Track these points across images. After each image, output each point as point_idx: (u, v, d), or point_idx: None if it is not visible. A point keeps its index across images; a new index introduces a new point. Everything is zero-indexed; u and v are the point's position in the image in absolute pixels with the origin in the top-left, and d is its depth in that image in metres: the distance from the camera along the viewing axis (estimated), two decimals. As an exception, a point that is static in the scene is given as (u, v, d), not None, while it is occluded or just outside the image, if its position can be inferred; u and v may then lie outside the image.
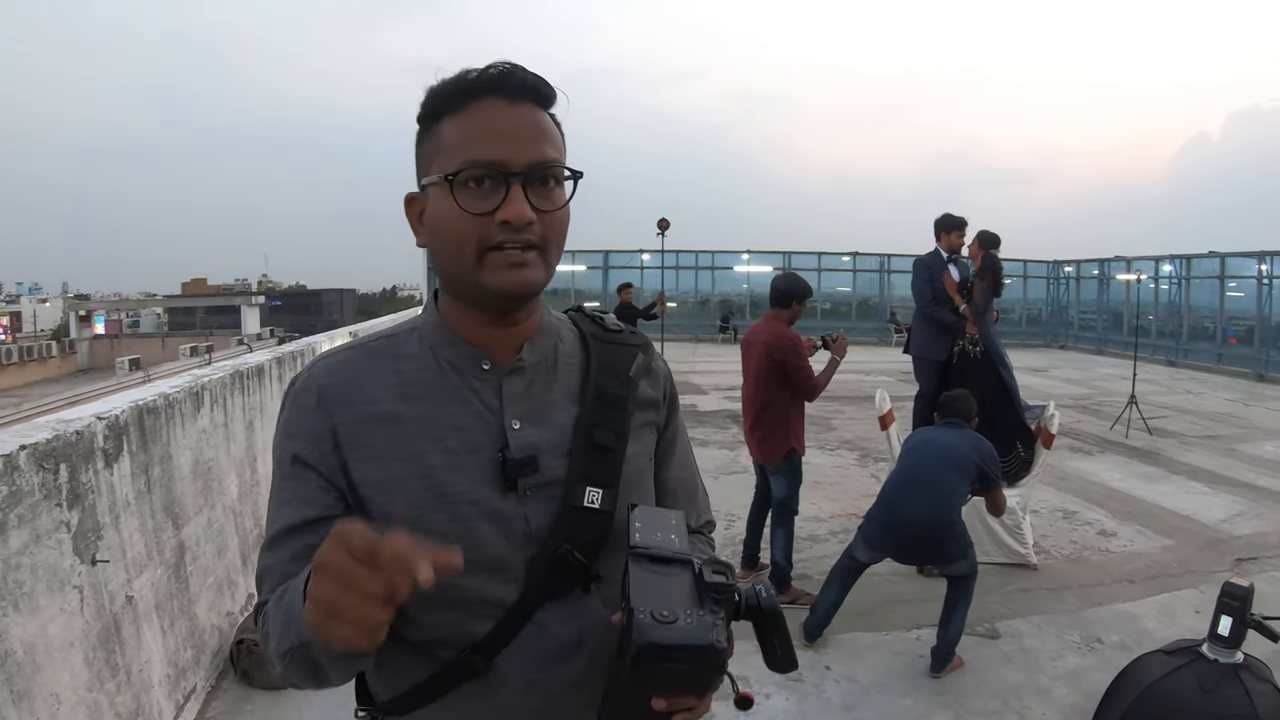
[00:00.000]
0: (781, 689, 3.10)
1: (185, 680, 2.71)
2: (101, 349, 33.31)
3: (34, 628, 1.90)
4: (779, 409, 3.86)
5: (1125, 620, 3.72)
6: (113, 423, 2.37)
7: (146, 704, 2.40)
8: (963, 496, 3.30)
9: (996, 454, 3.43)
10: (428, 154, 0.85)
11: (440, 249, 0.85)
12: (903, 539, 3.30)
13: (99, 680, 2.16)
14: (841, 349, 3.94)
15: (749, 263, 21.80)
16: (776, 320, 3.91)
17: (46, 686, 1.93)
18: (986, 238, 4.90)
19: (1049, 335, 20.73)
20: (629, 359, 0.96)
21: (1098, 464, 6.90)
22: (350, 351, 0.89)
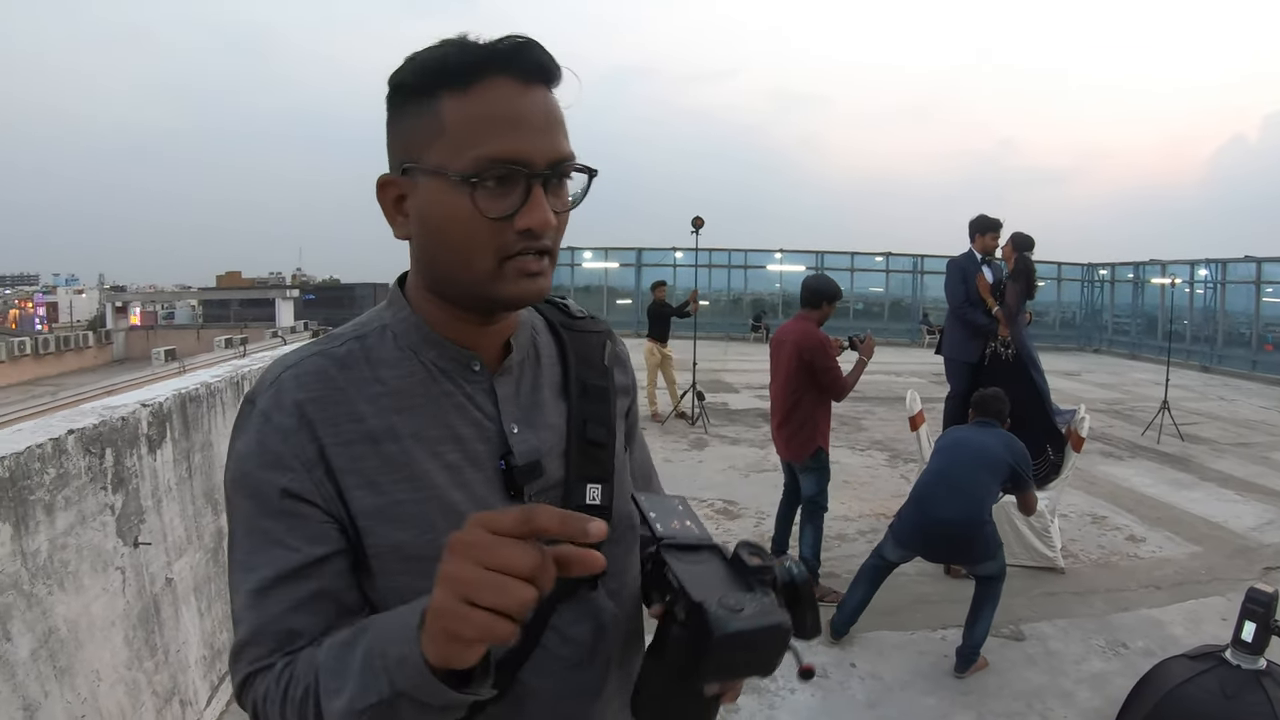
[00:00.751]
0: (807, 684, 3.13)
1: (220, 662, 2.79)
2: (137, 339, 33.86)
3: (78, 606, 1.97)
4: (806, 408, 3.89)
5: (1151, 626, 3.70)
6: (156, 410, 2.44)
7: (183, 684, 2.47)
8: (994, 496, 3.31)
9: (1028, 454, 3.43)
10: (421, 134, 0.71)
11: (442, 250, 0.74)
12: (934, 538, 3.31)
13: (138, 659, 2.23)
14: (869, 349, 3.97)
15: (781, 262, 21.74)
16: (806, 320, 3.94)
17: (88, 663, 1.99)
18: (1020, 240, 4.87)
19: (1082, 339, 20.46)
20: (600, 347, 0.91)
21: (1128, 469, 6.84)
22: (318, 358, 0.76)
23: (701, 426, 8.16)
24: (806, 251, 21.78)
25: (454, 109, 0.69)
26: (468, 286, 0.74)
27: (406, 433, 0.74)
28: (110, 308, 37.31)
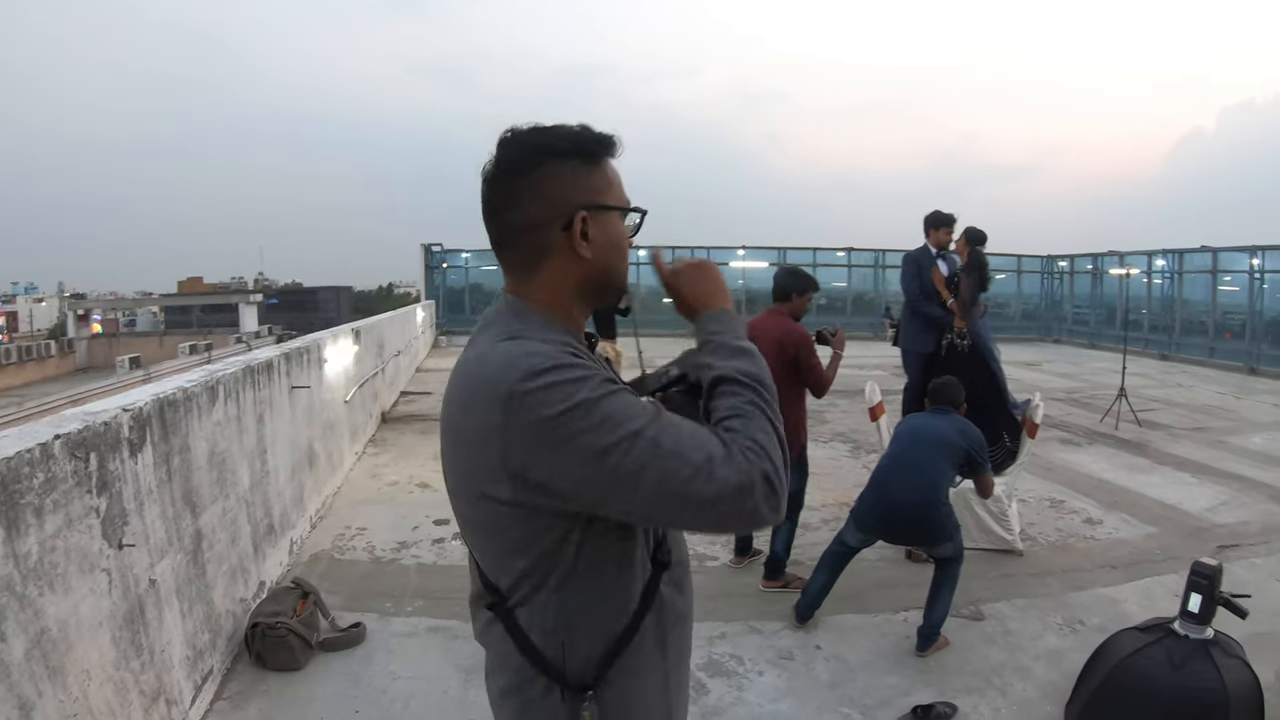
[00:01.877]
0: (773, 666, 3.25)
1: (203, 662, 2.85)
2: (99, 348, 33.30)
3: (67, 607, 2.03)
4: (791, 405, 3.84)
5: (1106, 604, 3.85)
6: (137, 414, 2.49)
7: (168, 683, 2.53)
8: (949, 479, 3.43)
9: (984, 439, 3.55)
10: (597, 183, 1.08)
11: (615, 263, 1.11)
12: (892, 519, 3.41)
13: (125, 659, 2.29)
14: (841, 343, 3.94)
15: (744, 258, 21.83)
16: (780, 315, 3.93)
17: (78, 663, 2.05)
18: (973, 234, 5.03)
19: (1043, 329, 20.84)
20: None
21: (1086, 455, 7.04)
22: (546, 346, 1.02)
23: None
24: (769, 248, 21.89)
25: (612, 172, 1.11)
26: (617, 284, 1.13)
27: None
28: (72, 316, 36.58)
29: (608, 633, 1.07)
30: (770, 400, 1.03)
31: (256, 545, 3.56)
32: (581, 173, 1.07)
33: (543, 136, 1.06)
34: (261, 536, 3.65)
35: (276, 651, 3.04)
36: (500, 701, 1.12)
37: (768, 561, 4.01)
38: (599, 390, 0.94)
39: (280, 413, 4.13)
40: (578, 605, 1.04)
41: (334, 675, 3.09)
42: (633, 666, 1.08)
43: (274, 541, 3.88)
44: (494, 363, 0.98)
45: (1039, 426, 4.63)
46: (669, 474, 0.92)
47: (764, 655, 3.35)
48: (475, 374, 1.01)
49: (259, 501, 3.66)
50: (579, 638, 1.05)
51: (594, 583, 1.04)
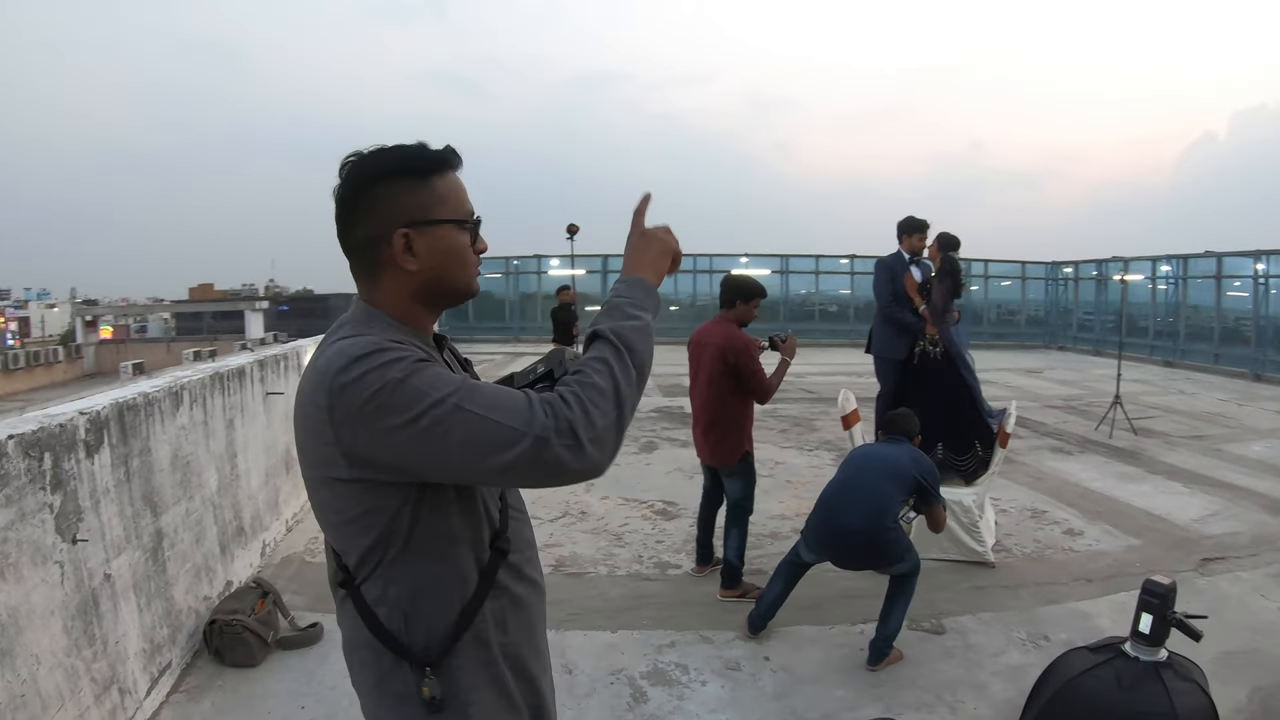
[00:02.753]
0: (718, 676, 3.24)
1: (161, 655, 2.92)
2: (108, 354, 33.56)
3: (18, 595, 2.12)
4: (731, 412, 3.89)
5: (1077, 618, 3.76)
6: (94, 417, 2.58)
7: (122, 673, 2.61)
8: (898, 505, 3.35)
9: (935, 469, 3.51)
10: (424, 200, 1.15)
11: (452, 271, 1.19)
12: (839, 544, 3.36)
13: (76, 647, 2.37)
14: (790, 349, 3.95)
15: (747, 265, 21.82)
16: (725, 322, 3.92)
17: (27, 648, 2.14)
18: (946, 240, 5.02)
19: (1048, 336, 20.74)
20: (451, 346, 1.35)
21: (1075, 464, 6.96)
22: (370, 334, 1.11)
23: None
24: (772, 255, 21.92)
25: (443, 186, 1.17)
26: (460, 289, 1.21)
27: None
28: (80, 322, 36.91)
29: (447, 610, 1.13)
30: (625, 360, 1.09)
31: (224, 546, 3.64)
32: (410, 190, 1.15)
33: (375, 159, 1.15)
34: (230, 538, 3.72)
35: (234, 648, 3.12)
36: (359, 676, 1.20)
37: (723, 571, 4.00)
38: (408, 369, 1.03)
39: (254, 418, 4.20)
40: (415, 582, 1.12)
41: (289, 672, 3.15)
42: (475, 646, 1.15)
43: (244, 543, 3.95)
44: (328, 356, 1.07)
45: (1010, 435, 4.61)
46: (471, 433, 1.00)
47: (710, 665, 3.33)
48: (312, 368, 1.11)
49: (228, 504, 3.74)
50: (419, 614, 1.13)
51: (429, 560, 1.12)
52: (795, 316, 21.53)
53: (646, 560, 4.56)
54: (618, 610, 3.86)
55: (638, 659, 3.36)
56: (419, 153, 1.16)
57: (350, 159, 1.16)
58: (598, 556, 4.58)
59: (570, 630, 3.61)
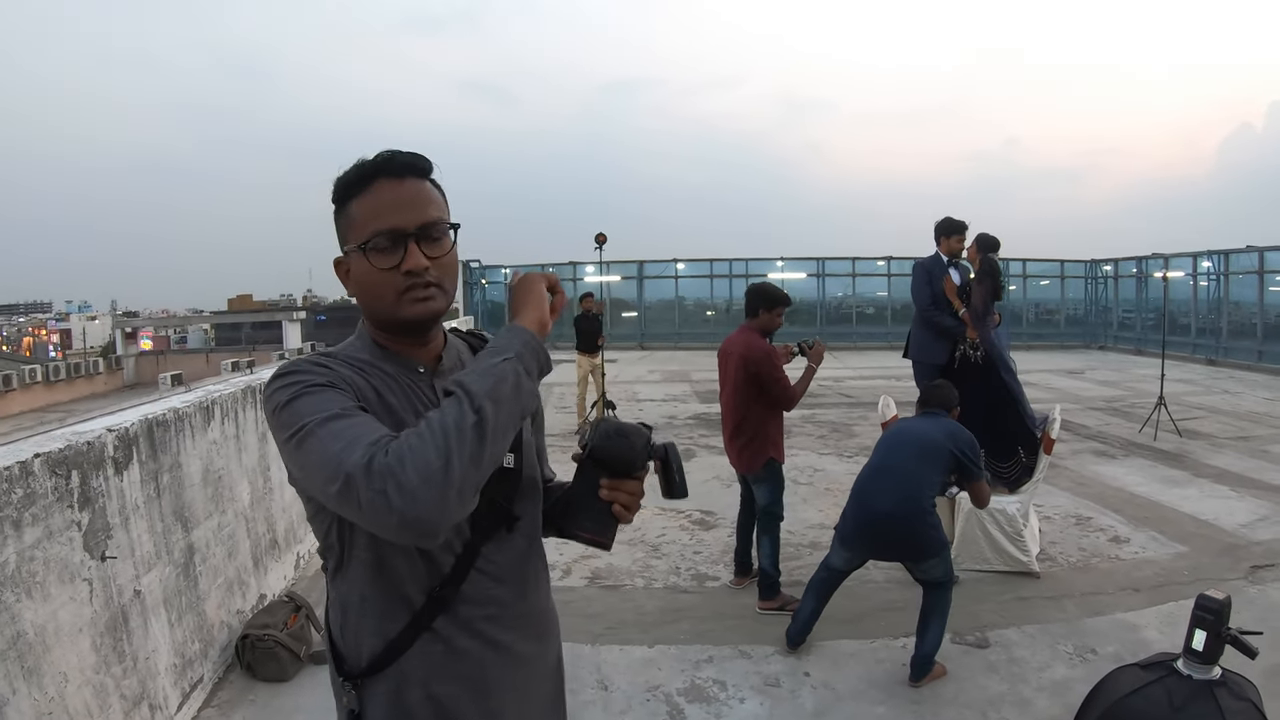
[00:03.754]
0: (757, 693, 3.16)
1: (192, 670, 2.91)
2: (147, 365, 34.10)
3: (45, 613, 2.12)
4: (756, 419, 3.88)
5: (1124, 630, 3.63)
6: (122, 434, 2.58)
7: (152, 689, 2.60)
8: (935, 487, 3.24)
9: (975, 441, 3.36)
10: (344, 229, 1.11)
11: (366, 297, 1.12)
12: (874, 532, 3.24)
13: (105, 664, 2.36)
14: (818, 356, 3.91)
15: (783, 269, 21.72)
16: (749, 331, 3.91)
17: (55, 666, 2.13)
18: (985, 241, 4.90)
19: (1088, 336, 20.32)
20: None
21: (1120, 468, 6.79)
22: (324, 357, 1.10)
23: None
24: (808, 258, 21.77)
25: (358, 207, 1.09)
26: (386, 315, 1.11)
27: (391, 404, 1.09)
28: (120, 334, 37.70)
29: (373, 636, 1.10)
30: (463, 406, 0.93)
31: (257, 559, 3.64)
32: (339, 219, 1.13)
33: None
34: (263, 551, 3.73)
35: (265, 663, 3.11)
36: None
37: (760, 581, 3.94)
38: (297, 391, 1.01)
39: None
40: (347, 598, 1.13)
41: (320, 687, 3.11)
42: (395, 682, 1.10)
43: (277, 556, 3.95)
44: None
45: (1055, 441, 4.49)
46: (315, 459, 0.95)
47: (749, 681, 3.26)
48: None
49: (261, 517, 3.75)
50: (349, 628, 1.13)
51: (361, 582, 1.11)
52: (832, 320, 21.39)
53: (684, 572, 4.50)
54: (654, 624, 3.81)
55: (675, 675, 3.30)
56: (339, 179, 1.12)
57: None
58: (634, 568, 4.53)
59: (606, 645, 3.57)
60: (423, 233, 1.09)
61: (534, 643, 1.22)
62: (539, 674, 1.24)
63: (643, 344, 20.69)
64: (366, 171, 1.09)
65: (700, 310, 23.00)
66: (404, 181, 1.09)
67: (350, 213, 1.10)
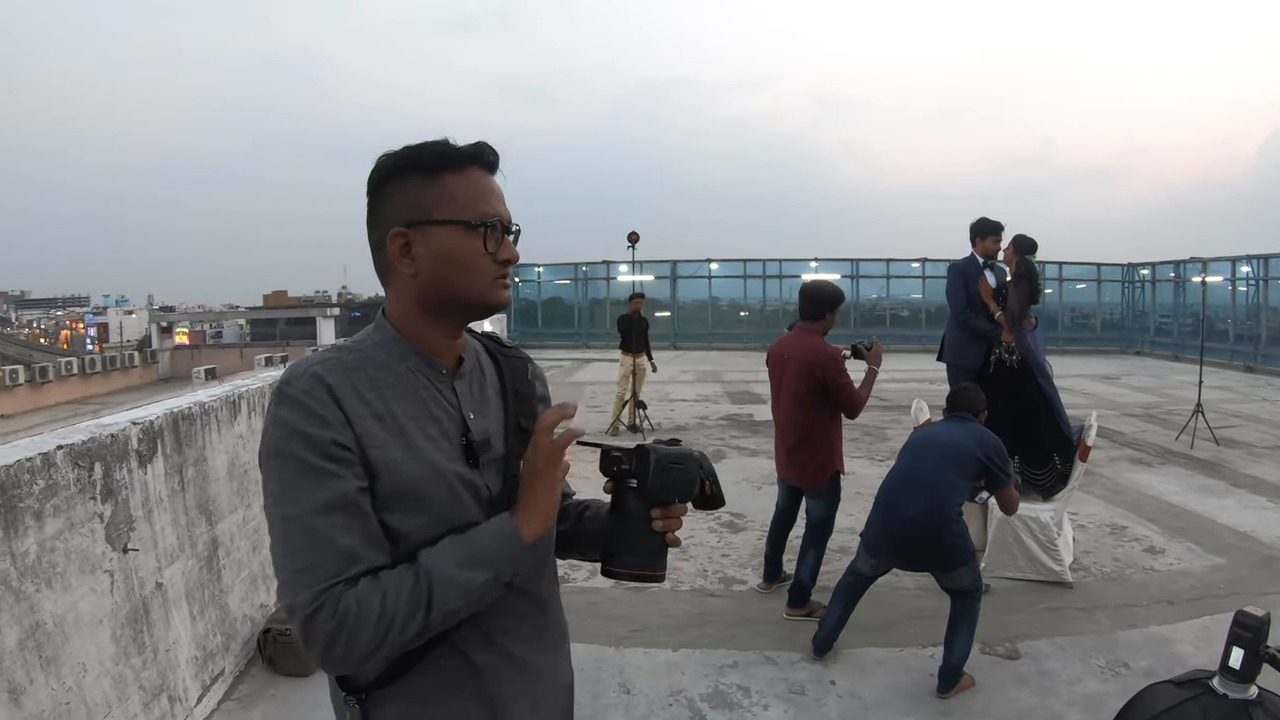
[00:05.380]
0: (781, 700, 3.11)
1: (214, 663, 2.92)
2: (182, 359, 34.58)
3: (65, 604, 2.12)
4: (821, 430, 3.70)
5: (1158, 644, 3.53)
6: (147, 427, 2.59)
7: (172, 681, 2.61)
8: (962, 493, 3.18)
9: (1003, 446, 3.28)
10: (427, 199, 1.05)
11: (454, 275, 1.06)
12: (899, 541, 3.18)
13: (125, 655, 2.37)
14: (877, 357, 3.74)
15: (817, 270, 21.58)
16: (809, 333, 3.73)
17: (74, 656, 2.14)
18: (1022, 243, 4.80)
19: (1125, 341, 19.96)
20: (525, 367, 1.25)
21: (1156, 476, 6.65)
22: (334, 361, 1.04)
23: (642, 435, 8.49)
24: (842, 259, 21.62)
25: (455, 183, 1.06)
26: (472, 297, 1.08)
27: (400, 414, 1.03)
28: (155, 328, 38.35)
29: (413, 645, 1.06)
30: (418, 607, 0.95)
31: (282, 553, 3.65)
32: (414, 188, 1.06)
33: (388, 159, 1.08)
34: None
35: (286, 658, 3.12)
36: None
37: (792, 588, 3.85)
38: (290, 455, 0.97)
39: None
40: None
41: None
42: (419, 697, 1.06)
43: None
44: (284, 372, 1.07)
45: (1091, 448, 4.38)
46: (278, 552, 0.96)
47: (774, 688, 3.20)
48: None
49: (287, 510, 3.75)
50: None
51: None
52: (866, 322, 21.26)
53: (711, 575, 4.46)
54: (680, 627, 3.77)
55: (698, 680, 3.26)
56: (430, 147, 1.07)
57: (378, 159, 1.09)
58: (661, 571, 4.48)
59: (630, 648, 3.53)
60: (515, 230, 1.12)
61: (549, 655, 1.19)
62: (551, 689, 1.21)
63: (676, 344, 20.67)
64: (466, 153, 1.08)
65: (734, 311, 22.94)
66: (492, 176, 1.11)
67: (445, 185, 1.06)
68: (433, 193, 1.06)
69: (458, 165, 1.07)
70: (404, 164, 1.06)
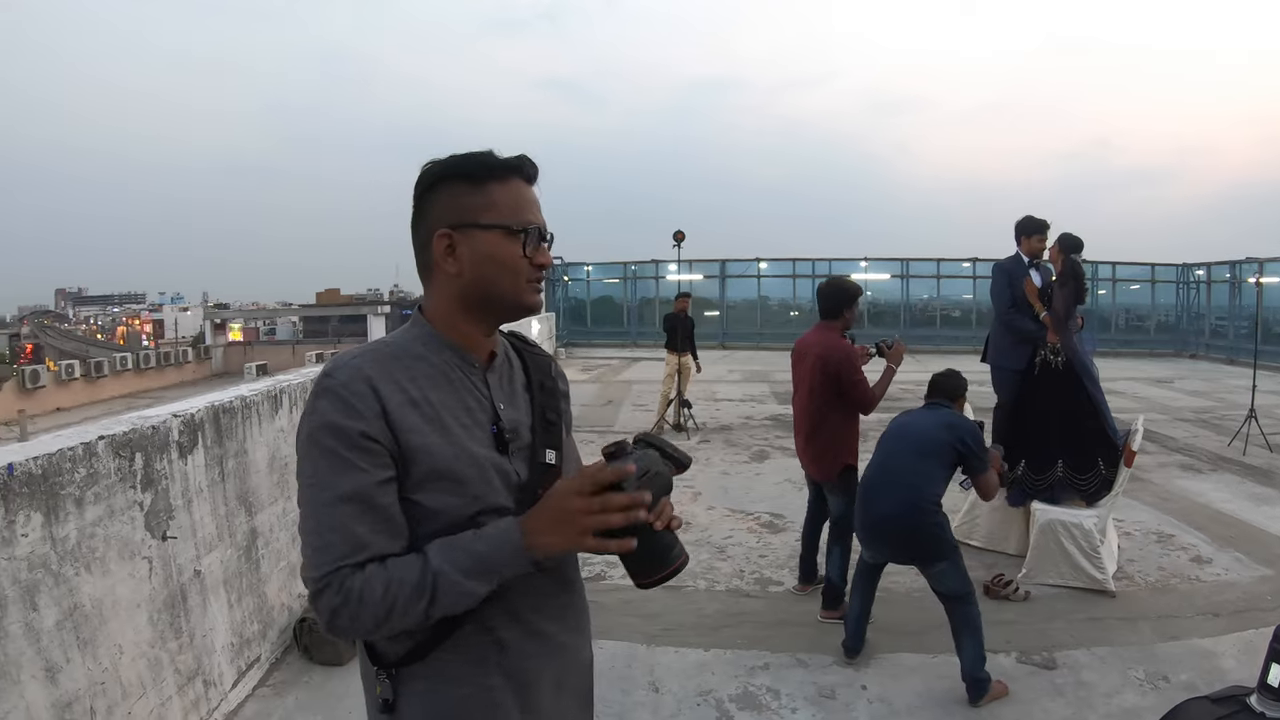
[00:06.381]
0: (810, 704, 3.08)
1: (249, 650, 3.00)
2: (235, 355, 35.47)
3: (103, 587, 2.20)
4: (833, 423, 3.75)
5: (1200, 657, 3.42)
6: (188, 420, 2.66)
7: (207, 666, 2.69)
8: (938, 483, 3.14)
9: (977, 430, 3.24)
10: (473, 205, 1.13)
11: (494, 277, 1.15)
12: (878, 534, 3.19)
13: (161, 639, 2.45)
14: (897, 356, 3.81)
15: (867, 270, 21.33)
16: (828, 330, 3.80)
17: (111, 638, 2.22)
18: (1068, 241, 4.68)
19: (1179, 344, 19.36)
20: (548, 364, 1.32)
21: (1206, 483, 6.44)
22: (374, 354, 1.13)
23: (686, 435, 8.50)
24: (892, 259, 21.35)
25: (499, 192, 1.14)
26: (509, 299, 1.16)
27: (435, 401, 1.11)
28: (209, 324, 39.33)
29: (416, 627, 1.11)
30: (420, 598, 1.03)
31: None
32: (462, 194, 1.15)
33: (437, 164, 1.16)
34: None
35: (321, 646, 3.19)
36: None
37: (824, 590, 3.84)
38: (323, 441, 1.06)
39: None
40: None
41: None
42: (446, 673, 1.12)
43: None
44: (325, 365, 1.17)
45: (1136, 453, 4.26)
46: (303, 528, 1.07)
47: (803, 691, 3.17)
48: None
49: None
50: None
51: None
52: (916, 322, 21.00)
53: (748, 575, 4.44)
54: (713, 627, 3.76)
55: (728, 680, 3.25)
56: (476, 157, 1.16)
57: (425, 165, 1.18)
58: (698, 570, 4.48)
59: (661, 646, 3.54)
60: (549, 237, 1.20)
61: (574, 634, 1.25)
62: (575, 667, 1.26)
63: (724, 344, 20.59)
64: (510, 165, 1.16)
65: (784, 310, 22.74)
66: (531, 187, 1.19)
67: (490, 193, 1.14)
68: (478, 199, 1.14)
69: (501, 176, 1.16)
70: (451, 171, 1.15)
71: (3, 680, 1.83)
